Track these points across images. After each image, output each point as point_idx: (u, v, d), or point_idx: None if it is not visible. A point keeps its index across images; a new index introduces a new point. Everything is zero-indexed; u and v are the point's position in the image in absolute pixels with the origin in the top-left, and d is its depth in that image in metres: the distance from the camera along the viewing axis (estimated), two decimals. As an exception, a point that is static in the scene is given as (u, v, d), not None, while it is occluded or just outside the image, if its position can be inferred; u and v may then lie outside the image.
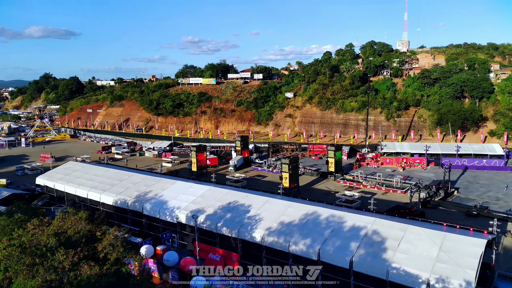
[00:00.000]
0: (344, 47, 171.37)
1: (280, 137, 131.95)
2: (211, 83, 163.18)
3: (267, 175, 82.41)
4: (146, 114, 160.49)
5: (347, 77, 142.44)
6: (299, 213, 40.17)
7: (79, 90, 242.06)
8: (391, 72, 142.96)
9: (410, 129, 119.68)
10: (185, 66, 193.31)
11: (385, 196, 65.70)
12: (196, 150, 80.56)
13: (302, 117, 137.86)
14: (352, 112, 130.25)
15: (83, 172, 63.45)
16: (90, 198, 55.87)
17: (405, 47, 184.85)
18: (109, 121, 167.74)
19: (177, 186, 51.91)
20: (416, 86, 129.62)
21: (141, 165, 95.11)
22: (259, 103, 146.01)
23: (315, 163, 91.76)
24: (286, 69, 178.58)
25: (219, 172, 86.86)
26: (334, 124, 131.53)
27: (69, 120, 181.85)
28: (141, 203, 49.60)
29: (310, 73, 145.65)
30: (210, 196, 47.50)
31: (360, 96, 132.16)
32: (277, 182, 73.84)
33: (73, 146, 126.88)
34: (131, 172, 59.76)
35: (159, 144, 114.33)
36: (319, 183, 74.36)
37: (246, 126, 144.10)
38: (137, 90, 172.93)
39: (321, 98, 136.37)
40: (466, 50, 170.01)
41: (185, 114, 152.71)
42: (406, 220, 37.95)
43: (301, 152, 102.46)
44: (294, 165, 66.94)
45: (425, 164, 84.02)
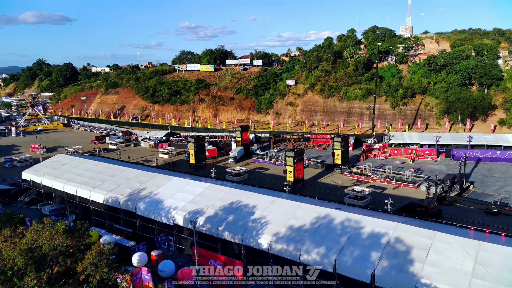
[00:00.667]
0: (345, 32, 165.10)
1: (281, 126, 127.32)
2: (209, 70, 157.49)
3: (269, 167, 78.08)
4: (142, 102, 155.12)
5: (350, 63, 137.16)
6: (310, 216, 35.91)
7: (73, 76, 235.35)
8: (396, 58, 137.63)
9: (416, 118, 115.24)
10: (182, 52, 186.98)
11: (396, 191, 61.59)
12: (194, 141, 75.90)
13: (303, 105, 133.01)
14: (356, 100, 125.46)
15: (73, 166, 58.87)
16: (79, 195, 51.44)
17: (409, 32, 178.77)
18: (104, 109, 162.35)
19: (174, 183, 47.49)
20: (422, 73, 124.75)
21: (136, 156, 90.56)
22: (259, 91, 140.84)
23: (319, 154, 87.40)
24: (286, 55, 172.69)
25: (218, 164, 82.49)
26: (337, 112, 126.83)
27: (62, 108, 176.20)
28: (134, 202, 45.23)
29: (312, 59, 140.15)
30: (210, 195, 43.13)
31: (364, 84, 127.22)
32: (280, 175, 69.65)
33: (66, 136, 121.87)
34: (124, 167, 55.23)
35: (155, 134, 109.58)
36: (325, 177, 70.12)
37: (246, 115, 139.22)
38: (133, 77, 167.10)
39: (324, 85, 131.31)
40: (471, 36, 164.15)
41: (182, 102, 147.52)
42: (432, 225, 33.74)
43: (304, 143, 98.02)
44: (299, 158, 62.53)
45: (436, 156, 79.84)
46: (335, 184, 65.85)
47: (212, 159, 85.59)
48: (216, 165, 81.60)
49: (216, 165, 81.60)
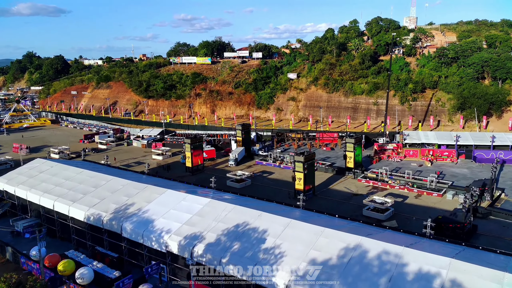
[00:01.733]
0: (342, 24, 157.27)
1: (283, 123, 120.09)
2: (206, 63, 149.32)
3: (274, 171, 70.89)
4: (135, 97, 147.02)
5: (355, 56, 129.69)
6: (337, 246, 28.85)
7: (64, 70, 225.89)
8: (403, 50, 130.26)
9: (427, 114, 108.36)
10: (178, 44, 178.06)
11: (418, 200, 54.69)
12: (191, 142, 68.47)
13: (306, 101, 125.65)
14: (362, 95, 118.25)
15: (52, 173, 51.39)
16: (57, 210, 44.06)
17: (413, 23, 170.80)
18: (95, 105, 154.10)
19: (167, 198, 40.22)
20: (432, 66, 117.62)
21: (127, 157, 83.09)
22: (259, 85, 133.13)
23: (327, 155, 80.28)
24: (287, 47, 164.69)
25: (217, 167, 75.24)
26: (342, 108, 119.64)
27: (52, 103, 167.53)
28: (119, 222, 37.95)
29: (315, 51, 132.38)
30: (210, 214, 35.93)
31: (371, 77, 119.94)
32: (287, 181, 62.60)
33: (53, 134, 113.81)
34: (109, 176, 47.80)
35: (149, 132, 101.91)
36: (337, 183, 63.06)
37: (245, 110, 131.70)
38: (126, 70, 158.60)
39: (328, 79, 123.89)
40: (478, 27, 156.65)
41: (177, 96, 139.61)
42: (494, 259, 26.72)
43: (309, 142, 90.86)
44: (310, 163, 55.39)
45: (455, 158, 72.97)
46: (349, 191, 58.86)
47: (210, 160, 78.32)
48: (215, 168, 74.41)
49: (215, 168, 74.40)
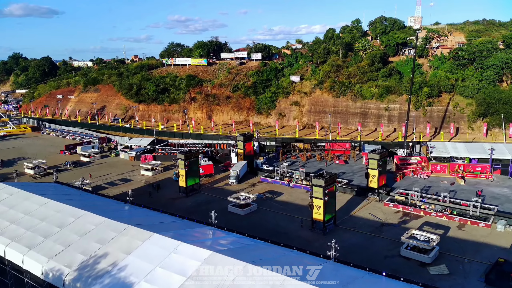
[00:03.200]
0: (346, 24, 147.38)
1: (286, 130, 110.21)
2: (201, 64, 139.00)
3: (282, 190, 60.81)
4: (125, 101, 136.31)
5: (364, 57, 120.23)
6: None
7: (52, 72, 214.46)
8: (415, 51, 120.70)
9: (444, 121, 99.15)
10: (171, 44, 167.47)
11: (463, 232, 44.86)
12: (185, 158, 58.26)
13: (311, 105, 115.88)
14: (372, 100, 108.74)
15: (9, 205, 40.91)
16: (9, 258, 33.63)
17: (418, 23, 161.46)
18: (82, 109, 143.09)
19: (152, 247, 29.97)
20: (447, 68, 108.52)
21: (112, 172, 72.67)
22: (259, 88, 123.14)
23: (341, 169, 70.29)
24: (287, 48, 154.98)
25: (216, 185, 65.06)
26: (350, 114, 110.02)
27: (36, 108, 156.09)
28: (86, 284, 27.61)
29: (319, 52, 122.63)
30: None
31: (381, 80, 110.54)
32: (300, 205, 52.84)
33: (32, 143, 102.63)
34: (80, 211, 37.33)
35: (138, 142, 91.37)
36: (360, 207, 53.14)
37: (244, 116, 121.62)
38: (115, 73, 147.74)
39: (334, 82, 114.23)
40: (487, 27, 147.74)
41: (171, 101, 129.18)
42: None
43: (318, 153, 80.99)
44: (331, 187, 45.45)
45: (490, 173, 63.39)
46: (377, 219, 48.96)
47: (208, 177, 68.16)
48: (213, 186, 64.23)
49: (214, 186, 64.23)
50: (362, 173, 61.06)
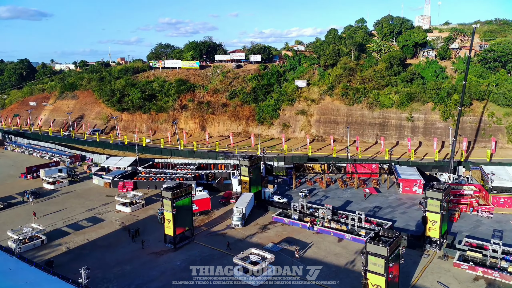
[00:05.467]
0: (350, 24, 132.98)
1: (292, 143, 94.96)
2: (193, 67, 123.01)
3: (304, 238, 45.19)
4: (106, 109, 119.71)
5: (378, 59, 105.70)
6: None
7: (30, 75, 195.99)
8: (436, 53, 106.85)
9: (478, 133, 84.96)
10: (159, 45, 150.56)
11: None
12: (173, 196, 42.38)
13: (320, 114, 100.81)
14: (392, 108, 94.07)
15: None
16: None
17: (427, 23, 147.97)
18: (58, 119, 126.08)
19: None
20: (476, 72, 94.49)
21: (80, 206, 56.37)
22: (259, 95, 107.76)
23: (375, 202, 54.86)
24: (288, 49, 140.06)
25: (215, 228, 49.18)
26: (366, 124, 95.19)
27: (6, 117, 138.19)
28: None
29: (328, 53, 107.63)
30: None
31: (401, 86, 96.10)
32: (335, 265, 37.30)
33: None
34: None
35: (117, 162, 74.97)
36: (420, 270, 37.74)
37: (243, 126, 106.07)
38: (95, 77, 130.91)
39: (346, 88, 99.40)
40: (502, 28, 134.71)
41: (158, 109, 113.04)
42: None
43: (340, 177, 65.63)
44: (395, 253, 30.10)
45: None
46: (453, 293, 33.71)
47: (203, 214, 52.41)
48: (211, 232, 48.36)
49: (211, 232, 48.37)
50: (403, 209, 46.36)
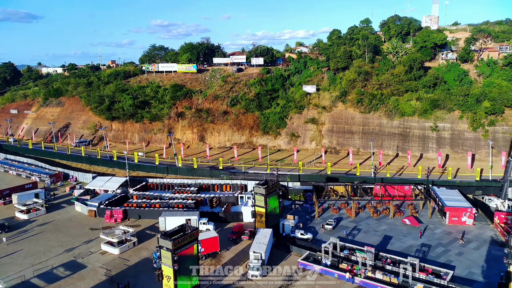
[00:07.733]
0: (355, 25, 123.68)
1: (301, 155, 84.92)
2: (190, 71, 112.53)
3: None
4: (94, 118, 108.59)
5: (395, 62, 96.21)
6: None
7: (15, 80, 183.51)
8: (457, 55, 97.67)
9: (513, 145, 75.64)
10: (153, 47, 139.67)
11: None
12: (174, 247, 31.94)
13: (332, 123, 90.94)
14: (414, 117, 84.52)
15: None
16: None
17: (435, 23, 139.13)
18: (41, 128, 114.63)
19: None
20: (505, 77, 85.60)
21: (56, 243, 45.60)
22: (263, 102, 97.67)
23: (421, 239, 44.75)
24: (291, 51, 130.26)
25: (226, 279, 38.63)
26: (385, 134, 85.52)
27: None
28: None
29: (339, 56, 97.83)
30: None
31: (423, 91, 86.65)
32: None
33: (-42, 183, 74.23)
34: None
35: (104, 184, 63.97)
36: None
37: (247, 137, 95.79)
38: (83, 82, 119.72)
39: (361, 94, 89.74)
40: None
41: (152, 117, 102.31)
42: None
43: (368, 202, 55.50)
44: None
45: None
46: None
47: (210, 257, 41.89)
48: (221, 284, 37.81)
49: (222, 284, 37.82)
50: (458, 248, 37.23)
